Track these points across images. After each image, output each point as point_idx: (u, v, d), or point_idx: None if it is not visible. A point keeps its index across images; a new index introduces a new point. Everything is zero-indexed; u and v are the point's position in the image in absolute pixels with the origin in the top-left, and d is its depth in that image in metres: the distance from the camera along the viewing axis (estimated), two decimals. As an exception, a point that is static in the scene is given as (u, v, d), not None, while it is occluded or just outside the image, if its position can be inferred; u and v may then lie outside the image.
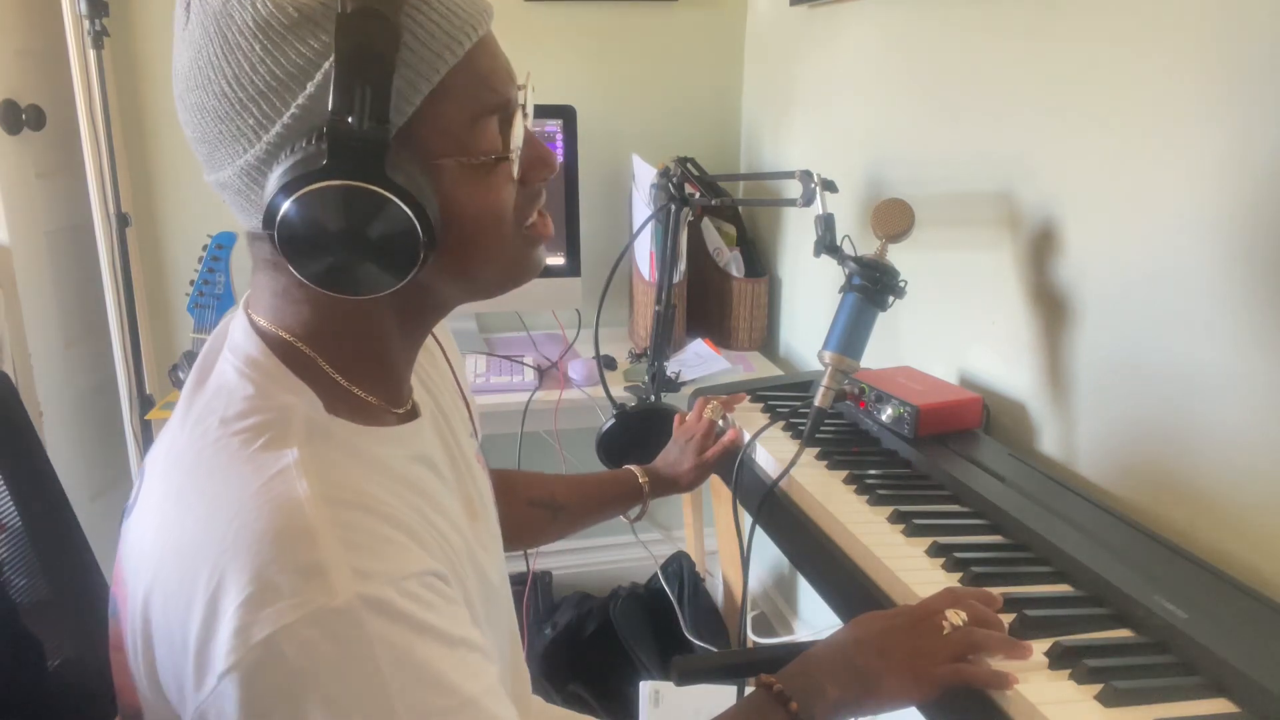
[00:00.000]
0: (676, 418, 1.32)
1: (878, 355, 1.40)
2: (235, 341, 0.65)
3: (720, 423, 1.28)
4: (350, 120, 0.55)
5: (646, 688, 1.64)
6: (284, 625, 0.51)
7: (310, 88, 0.56)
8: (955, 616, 0.76)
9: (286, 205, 0.57)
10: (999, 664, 0.74)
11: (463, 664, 0.57)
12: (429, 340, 0.85)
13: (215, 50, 0.57)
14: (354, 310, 0.64)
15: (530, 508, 1.13)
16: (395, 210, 0.57)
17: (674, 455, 1.25)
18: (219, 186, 0.63)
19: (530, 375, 1.78)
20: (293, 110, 0.57)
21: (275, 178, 0.57)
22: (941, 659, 0.74)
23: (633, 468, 1.21)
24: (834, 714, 0.74)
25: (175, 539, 0.56)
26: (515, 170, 0.65)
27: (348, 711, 0.52)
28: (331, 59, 0.55)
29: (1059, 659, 0.74)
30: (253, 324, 0.65)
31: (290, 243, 0.58)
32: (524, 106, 0.66)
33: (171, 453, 0.61)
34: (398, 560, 0.56)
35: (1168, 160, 0.97)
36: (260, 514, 0.54)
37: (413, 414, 0.73)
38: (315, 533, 0.54)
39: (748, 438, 1.21)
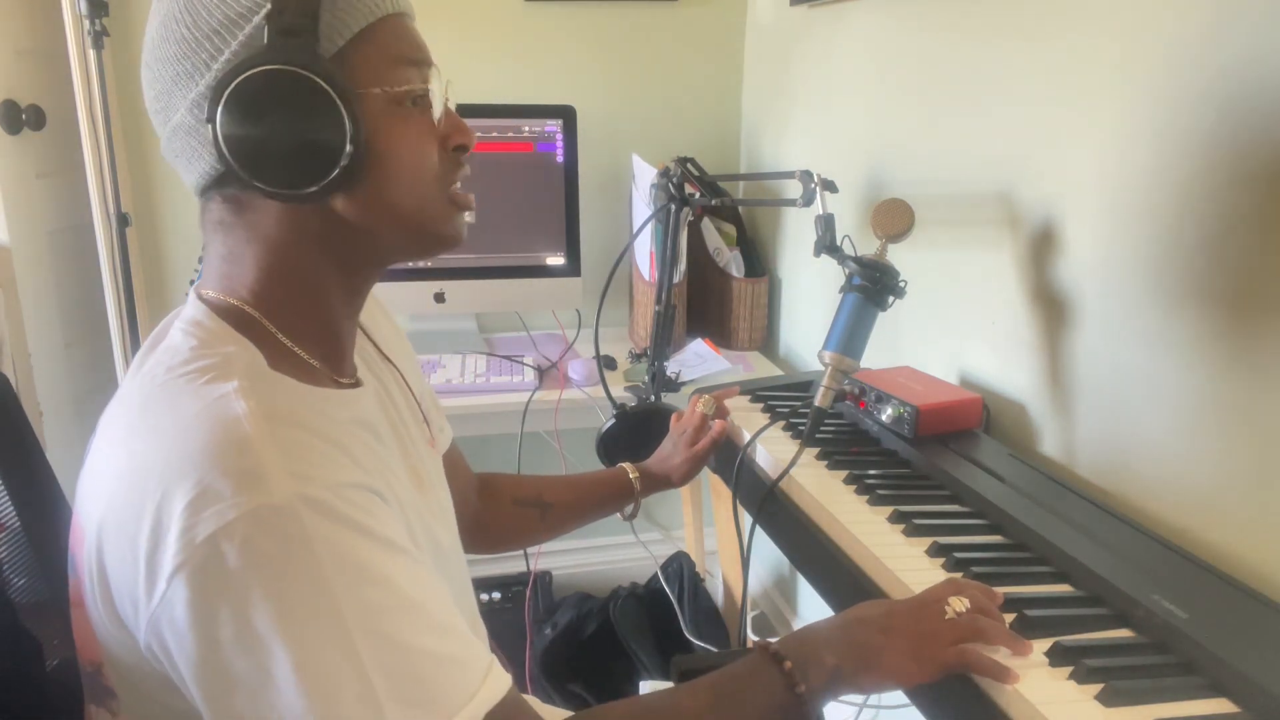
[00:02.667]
0: (674, 416, 1.32)
1: (878, 355, 1.40)
2: (184, 313, 0.70)
3: (713, 422, 1.27)
4: (284, 15, 0.62)
5: (646, 688, 1.64)
6: (225, 524, 0.53)
7: (256, 19, 0.63)
8: (958, 603, 0.76)
9: (229, 91, 0.61)
10: (1001, 661, 0.74)
11: (406, 570, 0.60)
12: (381, 347, 0.88)
13: (179, 7, 0.64)
14: (295, 263, 0.69)
15: (516, 507, 1.13)
16: (324, 98, 0.62)
17: (666, 450, 1.25)
18: (171, 136, 0.67)
19: (530, 375, 1.78)
20: (240, 38, 0.63)
21: (221, 78, 0.62)
22: (945, 641, 0.74)
23: (625, 465, 1.22)
24: (831, 682, 0.73)
25: (125, 467, 0.59)
26: (435, 119, 0.71)
27: (292, 606, 0.54)
28: None
29: (1059, 659, 0.74)
30: (201, 297, 0.70)
31: (228, 130, 0.62)
32: (446, 88, 0.72)
33: (121, 404, 0.65)
34: (335, 470, 0.59)
35: (1168, 160, 0.97)
36: (200, 430, 0.57)
37: (356, 385, 0.76)
38: (253, 441, 0.56)
39: (747, 436, 1.21)
